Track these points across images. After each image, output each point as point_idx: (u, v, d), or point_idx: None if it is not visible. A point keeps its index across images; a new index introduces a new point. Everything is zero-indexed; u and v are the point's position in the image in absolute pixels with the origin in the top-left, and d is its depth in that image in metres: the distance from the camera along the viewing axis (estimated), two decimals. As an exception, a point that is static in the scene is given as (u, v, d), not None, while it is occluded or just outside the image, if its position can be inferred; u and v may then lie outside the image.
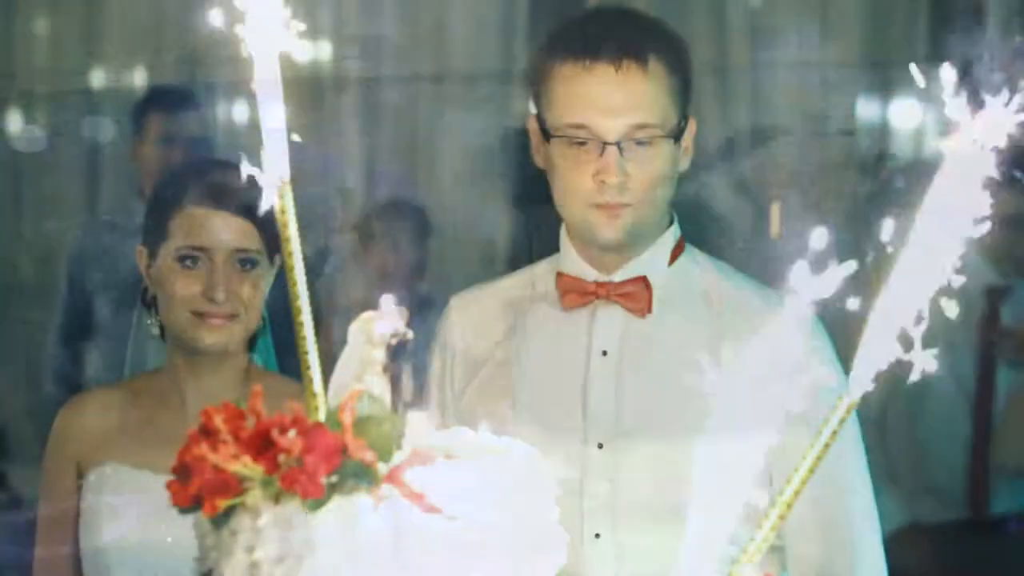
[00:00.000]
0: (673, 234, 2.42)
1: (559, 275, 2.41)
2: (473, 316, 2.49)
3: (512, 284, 2.50)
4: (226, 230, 2.43)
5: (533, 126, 2.38)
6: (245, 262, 2.45)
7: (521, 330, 2.43)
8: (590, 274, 2.39)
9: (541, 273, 2.47)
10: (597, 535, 2.33)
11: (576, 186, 2.31)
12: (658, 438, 2.31)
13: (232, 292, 2.43)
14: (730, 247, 4.91)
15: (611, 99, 2.28)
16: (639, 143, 2.29)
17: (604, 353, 2.37)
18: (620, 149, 2.28)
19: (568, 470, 2.33)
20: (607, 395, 2.36)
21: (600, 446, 2.34)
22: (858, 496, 2.38)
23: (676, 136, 2.33)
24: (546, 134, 2.34)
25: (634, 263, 2.38)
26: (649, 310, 2.37)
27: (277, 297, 2.44)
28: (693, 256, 2.44)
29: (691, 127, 2.37)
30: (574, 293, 2.39)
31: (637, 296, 2.37)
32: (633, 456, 2.33)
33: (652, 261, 2.39)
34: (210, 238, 2.44)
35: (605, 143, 2.28)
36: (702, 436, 1.47)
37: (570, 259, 2.41)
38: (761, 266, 2.51)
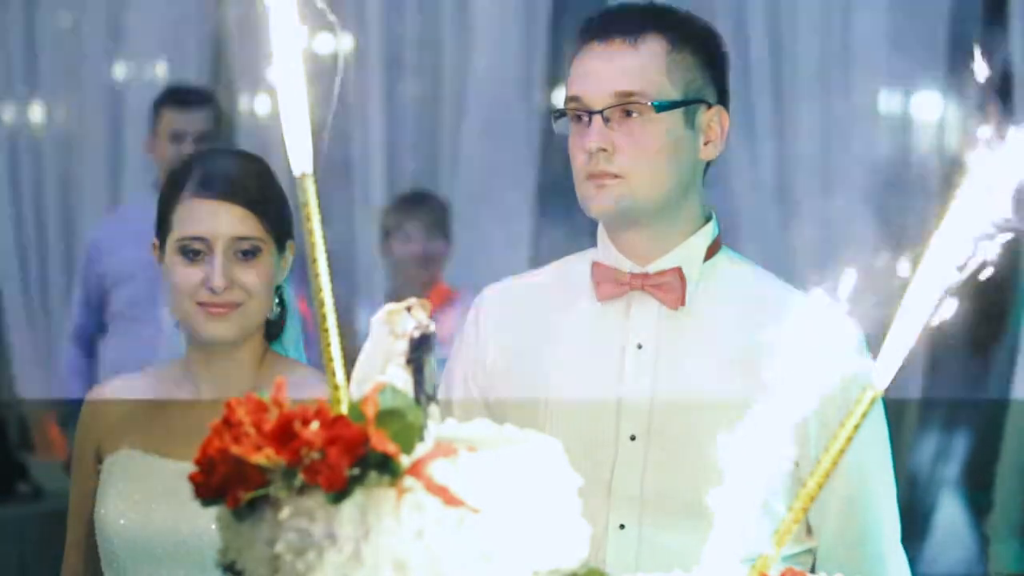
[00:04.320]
0: (710, 232, 2.41)
1: (594, 265, 2.41)
2: (508, 306, 2.48)
3: (546, 275, 2.50)
4: (224, 218, 2.43)
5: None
6: (246, 251, 2.44)
7: (556, 321, 2.43)
8: (625, 265, 2.39)
9: (575, 265, 2.47)
10: (622, 526, 2.33)
11: (575, 160, 2.35)
12: (691, 432, 2.31)
13: (233, 281, 2.42)
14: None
15: (599, 71, 2.33)
16: (627, 114, 2.32)
17: (639, 347, 2.37)
18: (605, 119, 2.30)
19: (599, 460, 2.34)
20: (642, 388, 2.35)
21: (632, 438, 2.34)
22: (885, 499, 2.38)
23: (668, 108, 2.32)
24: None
25: (669, 255, 2.38)
26: (682, 302, 2.36)
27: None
28: (729, 255, 2.43)
29: (720, 118, 2.38)
30: (609, 283, 2.39)
31: (671, 287, 2.36)
32: (665, 449, 2.32)
33: (687, 254, 2.38)
34: (207, 227, 2.43)
35: (591, 112, 2.32)
36: (735, 431, 1.46)
37: (605, 249, 2.41)
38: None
